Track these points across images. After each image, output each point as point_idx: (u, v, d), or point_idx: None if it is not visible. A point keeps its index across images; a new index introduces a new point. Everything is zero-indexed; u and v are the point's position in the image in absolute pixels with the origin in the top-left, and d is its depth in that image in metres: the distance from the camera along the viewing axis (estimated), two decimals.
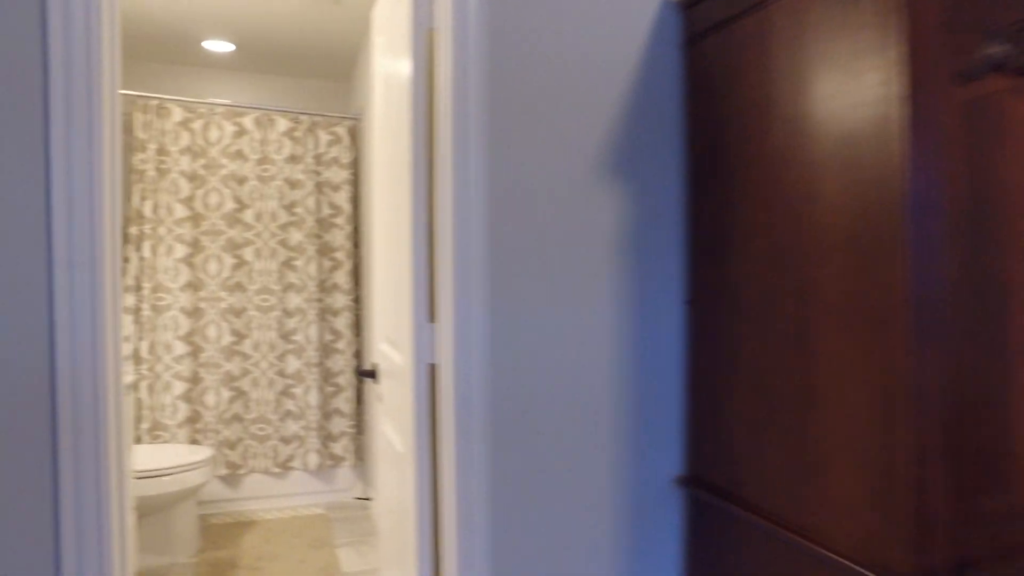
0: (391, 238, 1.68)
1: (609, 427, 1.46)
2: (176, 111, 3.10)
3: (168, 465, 2.65)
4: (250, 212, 3.25)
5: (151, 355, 3.08)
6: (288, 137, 3.28)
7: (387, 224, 1.75)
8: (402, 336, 1.52)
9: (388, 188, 1.74)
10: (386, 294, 1.77)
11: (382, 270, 1.86)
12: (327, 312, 3.41)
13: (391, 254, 1.68)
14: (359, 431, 3.49)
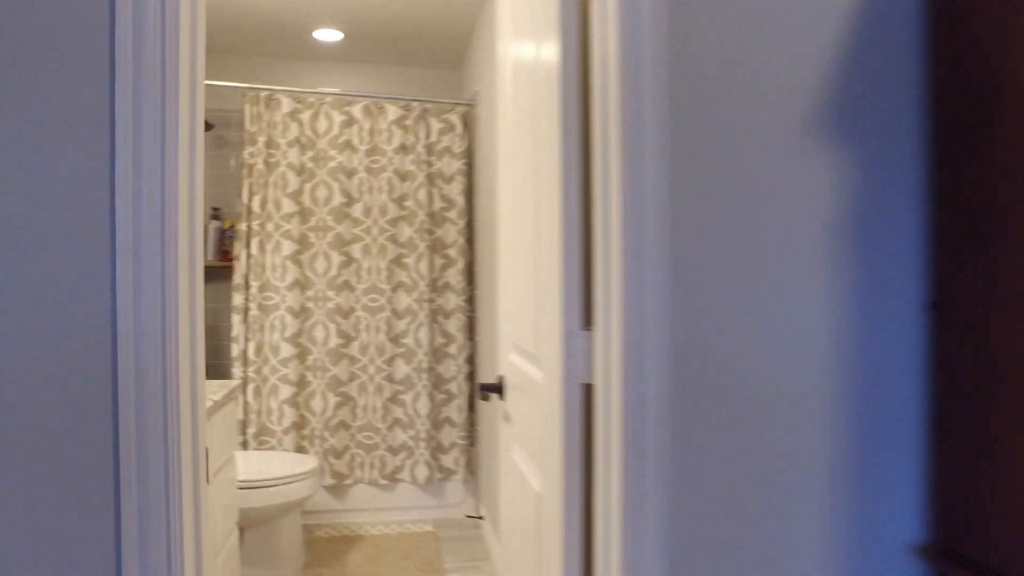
0: (524, 235, 1.37)
1: (823, 476, 1.06)
2: (285, 101, 2.96)
3: (274, 476, 2.47)
4: (359, 206, 3.06)
5: (258, 357, 2.95)
6: (398, 126, 3.06)
7: (519, 220, 1.44)
8: (542, 347, 1.19)
9: (520, 181, 1.43)
10: (517, 297, 1.46)
11: (511, 270, 1.55)
12: (438, 313, 3.16)
13: (524, 252, 1.37)
14: (471, 443, 3.22)
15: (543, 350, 1.19)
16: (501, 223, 1.70)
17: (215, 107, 3.60)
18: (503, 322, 1.64)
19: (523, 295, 1.38)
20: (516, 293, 1.47)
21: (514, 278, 1.49)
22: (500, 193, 1.73)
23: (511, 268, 1.54)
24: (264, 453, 2.74)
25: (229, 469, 2.06)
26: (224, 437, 1.99)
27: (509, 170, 1.58)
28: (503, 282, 1.66)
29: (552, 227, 1.12)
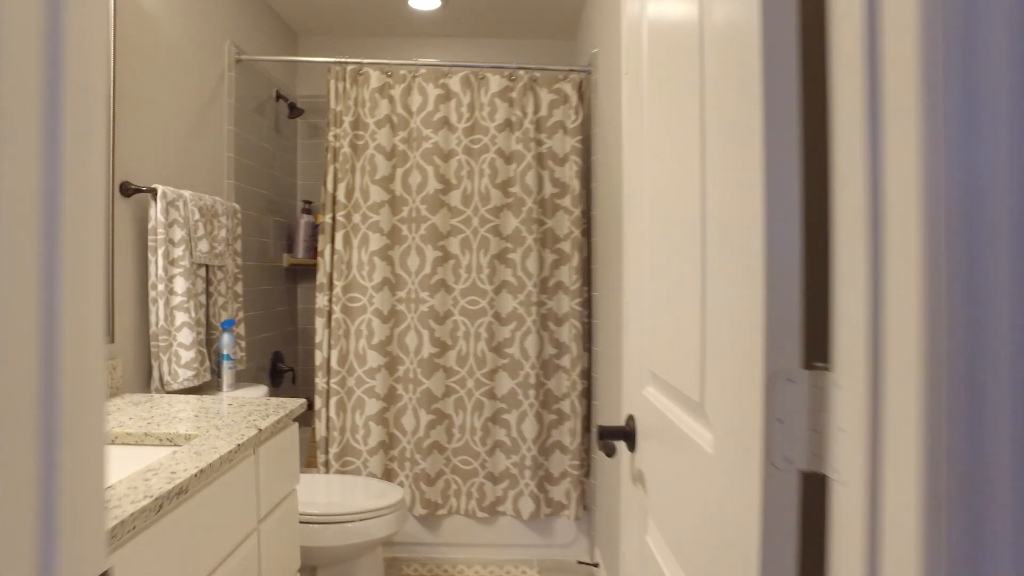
0: (676, 225, 0.86)
1: None
2: (374, 76, 2.59)
3: (352, 510, 2.09)
4: (456, 193, 2.64)
5: (341, 366, 2.60)
6: (502, 98, 2.61)
7: (665, 205, 0.93)
8: (712, 391, 0.68)
9: (670, 158, 0.91)
10: (658, 307, 0.95)
11: (647, 270, 1.03)
12: (549, 319, 2.68)
13: (675, 247, 0.86)
14: (585, 473, 2.71)
15: (713, 397, 0.67)
16: (630, 211, 1.19)
17: (308, 93, 3.33)
18: (632, 339, 1.12)
19: (671, 306, 0.86)
20: (658, 302, 0.95)
21: (655, 281, 0.97)
22: (628, 175, 1.22)
23: (647, 267, 1.02)
24: (345, 478, 2.37)
25: (289, 504, 1.68)
26: (281, 467, 1.61)
27: (645, 146, 1.07)
28: (632, 285, 1.14)
29: (744, 219, 0.60)
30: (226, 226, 2.24)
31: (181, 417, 1.54)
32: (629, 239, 1.18)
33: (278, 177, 3.07)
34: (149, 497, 1.02)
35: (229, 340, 2.17)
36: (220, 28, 2.45)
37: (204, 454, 1.25)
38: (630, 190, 1.18)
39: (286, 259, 3.13)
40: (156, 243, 1.89)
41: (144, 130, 1.95)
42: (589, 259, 2.71)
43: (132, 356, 1.89)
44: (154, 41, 2.00)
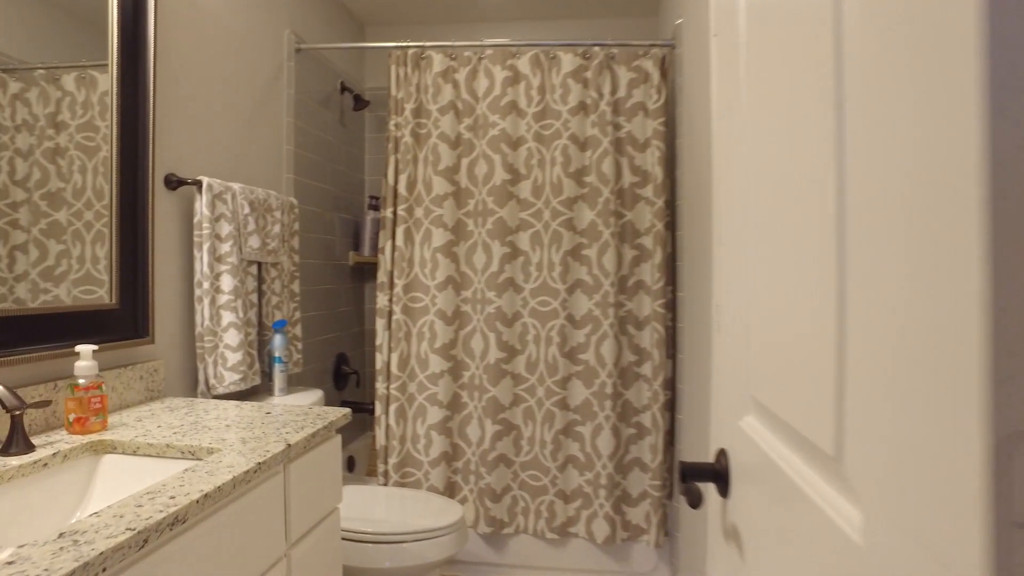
0: (802, 214, 0.60)
1: None
2: (437, 59, 2.42)
3: (409, 529, 1.91)
4: (526, 184, 2.42)
5: (402, 371, 2.43)
6: (575, 79, 2.37)
7: (786, 193, 0.67)
8: (867, 452, 0.42)
9: (793, 132, 0.66)
10: (776, 319, 0.69)
11: (766, 272, 0.77)
12: (628, 322, 2.42)
13: (799, 244, 0.60)
14: (668, 495, 2.43)
15: (862, 456, 0.42)
16: (723, 196, 0.93)
17: (375, 85, 3.20)
18: (728, 354, 0.86)
19: (787, 316, 0.60)
20: (766, 309, 0.69)
21: (762, 282, 0.71)
22: (720, 154, 0.96)
23: (749, 264, 0.77)
24: (405, 492, 2.20)
25: (329, 525, 1.50)
26: (319, 485, 1.44)
27: (744, 117, 0.81)
28: (727, 286, 0.89)
29: (937, 181, 0.35)
30: (281, 221, 2.12)
31: (212, 427, 1.40)
32: (722, 230, 0.92)
33: (344, 172, 2.96)
34: (131, 530, 0.85)
35: (281, 341, 2.04)
36: (279, 17, 2.34)
37: (217, 474, 1.08)
38: (723, 172, 0.92)
39: (352, 257, 3.01)
40: (201, 238, 1.77)
41: (193, 120, 1.84)
42: (673, 255, 2.43)
43: (177, 358, 1.78)
44: (206, 28, 1.90)
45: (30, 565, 0.76)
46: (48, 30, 1.37)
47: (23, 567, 0.76)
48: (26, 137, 1.32)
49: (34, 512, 1.16)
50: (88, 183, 1.48)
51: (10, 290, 1.29)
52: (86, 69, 1.46)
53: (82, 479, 1.26)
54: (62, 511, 1.20)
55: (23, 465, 1.15)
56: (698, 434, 2.05)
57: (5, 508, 1.11)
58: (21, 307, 1.31)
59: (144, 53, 1.60)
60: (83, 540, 0.83)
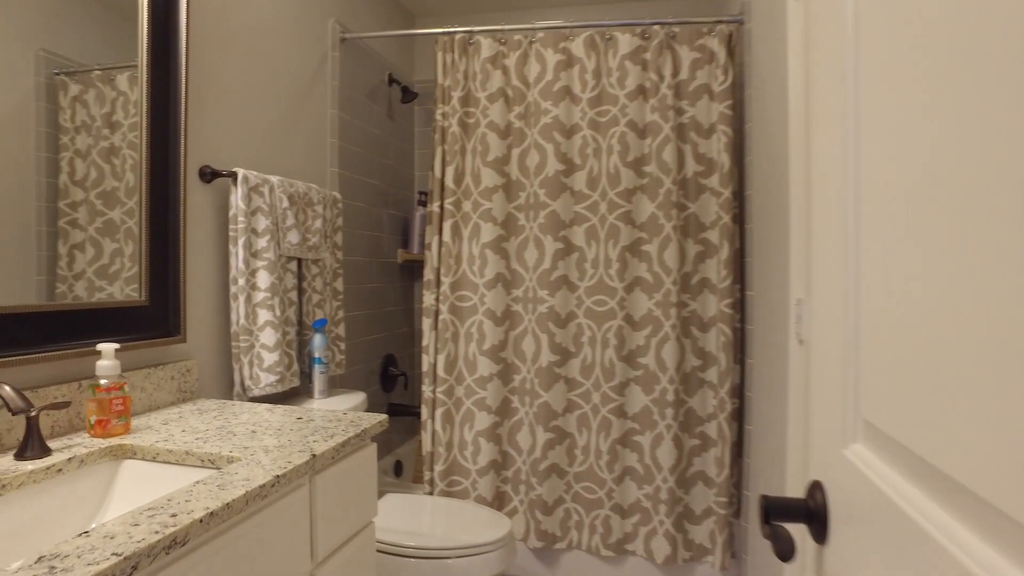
0: (967, 194, 0.43)
1: None
2: (485, 44, 2.29)
3: (454, 544, 1.78)
4: (581, 175, 2.26)
5: (449, 373, 2.31)
6: (633, 60, 2.20)
7: (935, 169, 0.50)
8: None
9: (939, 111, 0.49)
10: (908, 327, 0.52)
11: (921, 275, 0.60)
12: (692, 323, 2.23)
13: (962, 231, 0.44)
14: (735, 513, 2.23)
15: None
16: (816, 187, 0.76)
17: (425, 78, 3.10)
18: (821, 368, 0.69)
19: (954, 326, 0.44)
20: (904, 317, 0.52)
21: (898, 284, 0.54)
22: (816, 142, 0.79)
23: (859, 262, 0.60)
24: (451, 503, 2.07)
25: (363, 540, 1.39)
26: (351, 498, 1.32)
27: (868, 101, 0.64)
28: (813, 288, 0.71)
29: None
30: (323, 216, 2.03)
31: (238, 432, 1.30)
32: (810, 222, 0.75)
33: (392, 167, 2.86)
34: (117, 556, 0.75)
35: (321, 341, 1.95)
36: (323, 5, 2.26)
37: (229, 488, 0.98)
38: (819, 158, 0.74)
39: (400, 255, 2.91)
40: (236, 232, 1.69)
41: (230, 112, 1.77)
42: (742, 251, 2.23)
43: (212, 358, 1.71)
44: (244, 17, 1.82)
45: None
46: (103, 32, 1.37)
47: None
48: (84, 138, 1.33)
49: (46, 523, 1.08)
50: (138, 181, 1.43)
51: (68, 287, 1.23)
52: (137, 68, 1.44)
53: (100, 487, 1.19)
54: (77, 521, 1.12)
55: (35, 471, 1.08)
56: (771, 450, 1.85)
57: (14, 517, 1.04)
58: (41, 303, 1.24)
59: (175, 44, 1.53)
60: (61, 567, 0.72)
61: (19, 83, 1.20)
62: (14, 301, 1.19)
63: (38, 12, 1.22)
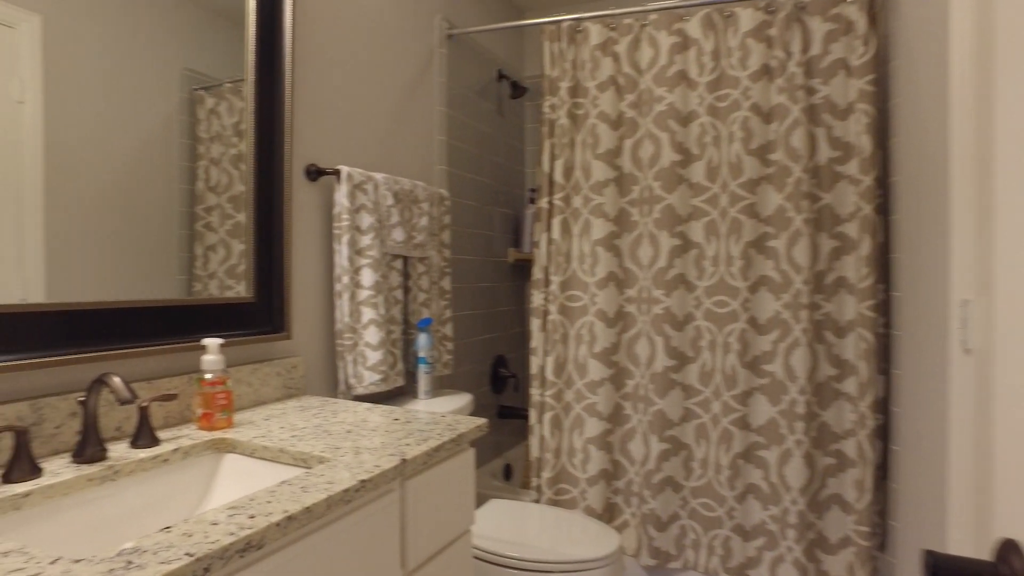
0: None
1: None
2: (594, 31, 2.17)
3: (559, 558, 1.69)
4: (699, 166, 2.10)
5: (558, 376, 2.22)
6: (756, 38, 2.01)
7: None
8: None
9: None
10: None
11: None
12: (826, 327, 2.00)
13: None
14: (879, 545, 1.97)
15: None
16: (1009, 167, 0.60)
17: (535, 73, 3.04)
18: (1008, 387, 0.53)
19: None
20: None
21: None
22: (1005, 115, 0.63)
23: None
24: (559, 513, 1.98)
25: (459, 549, 1.33)
26: (447, 504, 1.27)
27: None
28: (994, 289, 0.56)
29: None
30: (429, 214, 2.01)
31: (333, 432, 1.28)
32: (995, 210, 0.59)
33: (503, 164, 2.82)
34: (189, 556, 0.72)
35: (426, 341, 1.92)
36: (429, 2, 2.24)
37: (313, 490, 0.94)
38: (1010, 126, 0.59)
39: (511, 254, 2.86)
40: (341, 230, 1.70)
41: (336, 110, 1.78)
42: (887, 245, 1.97)
43: (318, 355, 1.72)
44: (350, 15, 1.84)
45: None
46: (233, 46, 1.45)
47: None
48: (218, 147, 1.41)
49: (153, 509, 1.10)
50: None
51: (203, 286, 1.28)
52: (243, 72, 1.50)
53: (203, 478, 1.20)
54: (180, 510, 1.14)
55: (144, 459, 1.11)
56: (925, 478, 1.60)
57: (125, 502, 1.07)
58: (155, 299, 1.29)
59: (279, 47, 1.55)
60: (136, 563, 0.71)
61: (167, 100, 1.28)
62: (127, 296, 1.24)
63: (182, 35, 1.32)
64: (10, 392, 1.07)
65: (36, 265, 1.08)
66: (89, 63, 1.15)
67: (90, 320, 1.17)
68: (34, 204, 1.07)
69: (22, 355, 1.06)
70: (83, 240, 1.16)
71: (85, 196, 1.16)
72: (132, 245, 1.24)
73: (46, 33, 1.08)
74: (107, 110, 1.18)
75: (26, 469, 0.98)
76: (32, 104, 1.07)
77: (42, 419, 1.10)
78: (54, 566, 0.71)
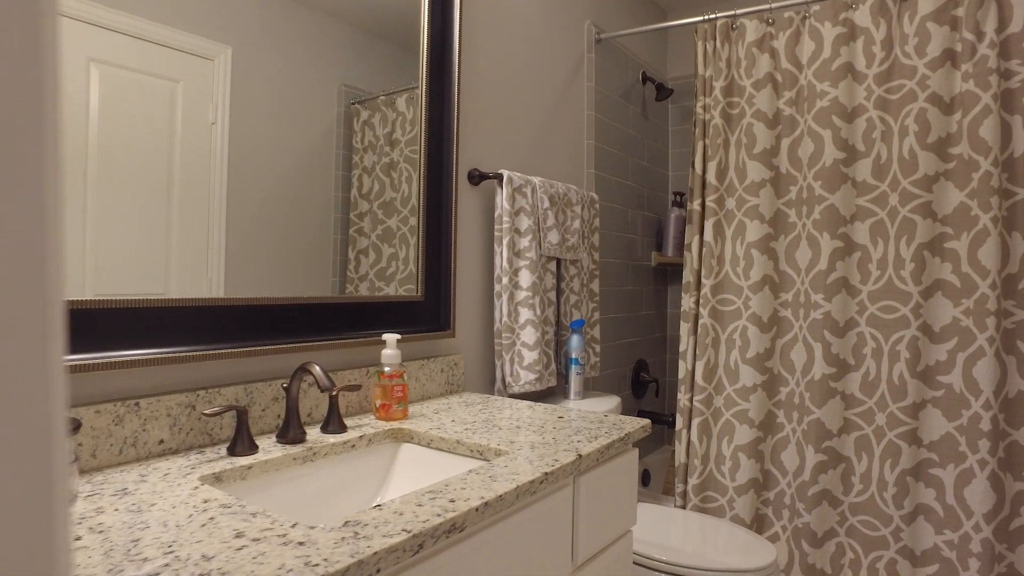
0: None
1: None
2: (750, 27, 2.11)
3: (710, 565, 1.65)
4: (865, 163, 1.98)
5: (708, 381, 2.16)
6: (938, 21, 1.86)
7: None
8: None
9: None
10: None
11: None
12: (1017, 337, 1.82)
13: None
14: None
15: None
16: None
17: (679, 74, 2.99)
18: None
19: None
20: None
21: None
22: None
23: None
24: (705, 519, 1.94)
25: (621, 548, 1.34)
26: (612, 502, 1.28)
27: None
28: None
29: None
30: (581, 216, 2.03)
31: (503, 426, 1.33)
32: None
33: (647, 168, 2.80)
34: (407, 532, 0.78)
35: (578, 342, 1.94)
36: (580, 8, 2.27)
37: (500, 480, 0.99)
38: None
39: (654, 257, 2.83)
40: (501, 232, 1.75)
41: (495, 116, 1.85)
42: None
43: (477, 353, 1.79)
44: (508, 26, 1.90)
45: (315, 551, 0.73)
46: (385, 62, 1.52)
47: (308, 551, 0.73)
48: (371, 156, 1.48)
49: (343, 490, 1.20)
50: (412, 191, 1.55)
51: (354, 287, 1.39)
52: (413, 90, 1.57)
53: (384, 464, 1.29)
54: (365, 493, 1.23)
55: (335, 444, 1.20)
56: None
57: (321, 482, 1.16)
58: (338, 295, 1.40)
59: (449, 63, 1.63)
60: (362, 534, 0.77)
61: (327, 113, 1.37)
62: (317, 293, 1.35)
63: (342, 54, 1.40)
64: (228, 377, 1.20)
65: (218, 265, 1.20)
66: (265, 85, 1.27)
67: (285, 314, 1.29)
68: (219, 213, 1.20)
69: (236, 343, 1.19)
70: (255, 244, 1.27)
71: (255, 204, 1.27)
72: (296, 248, 1.35)
73: (235, 62, 1.21)
74: (277, 126, 1.29)
75: (247, 445, 1.10)
76: (220, 125, 1.19)
77: (252, 402, 1.22)
78: (295, 529, 0.79)
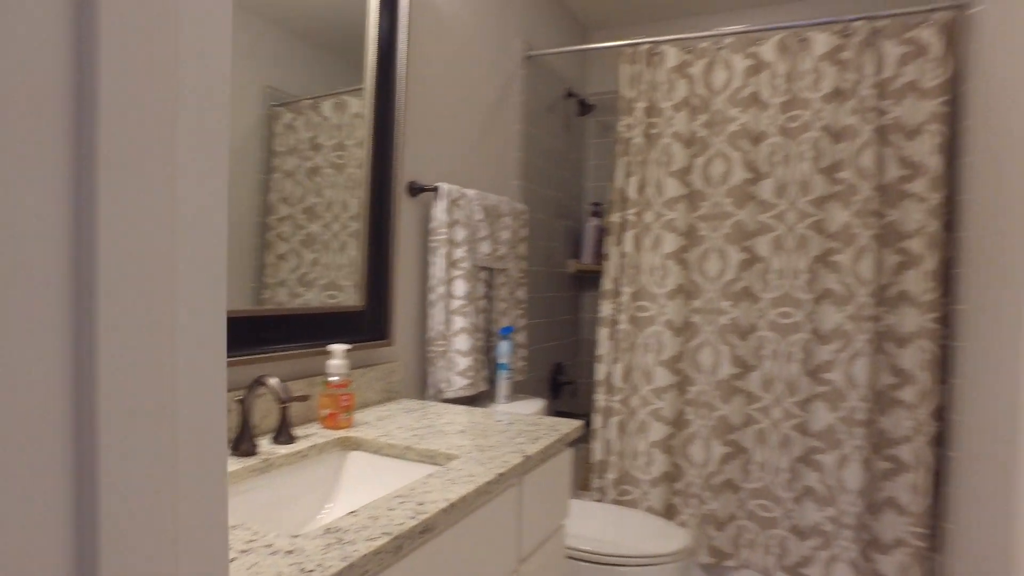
0: None
1: None
2: (671, 54, 2.28)
3: (629, 552, 1.80)
4: (768, 184, 2.19)
5: (625, 383, 2.32)
6: (831, 61, 2.10)
7: None
8: None
9: None
10: None
11: None
12: (887, 338, 2.08)
13: None
14: (932, 546, 2.05)
15: None
16: None
17: (597, 90, 3.15)
18: None
19: None
20: None
21: None
22: None
23: None
24: (622, 511, 2.09)
25: (556, 542, 1.45)
26: (549, 499, 1.39)
27: None
28: None
29: None
30: (510, 227, 2.13)
31: (447, 431, 1.41)
32: None
33: (567, 178, 2.93)
34: (387, 535, 0.85)
35: (507, 348, 2.04)
36: (511, 26, 2.37)
37: (459, 482, 1.07)
38: None
39: (572, 265, 2.97)
40: (437, 243, 1.82)
41: (433, 129, 1.91)
42: (952, 261, 2.04)
43: (410, 360, 1.85)
44: (447, 42, 1.96)
45: (305, 558, 0.78)
46: (313, 65, 1.48)
47: (299, 559, 0.78)
48: (293, 160, 1.44)
49: (297, 499, 1.24)
50: (336, 197, 1.55)
51: (277, 294, 1.41)
52: (340, 95, 1.55)
53: (333, 472, 1.33)
54: (317, 500, 1.27)
55: (288, 454, 1.24)
56: (986, 484, 1.68)
57: (276, 491, 1.20)
58: (281, 307, 1.42)
59: (393, 75, 1.68)
60: (346, 539, 0.83)
61: (247, 115, 1.34)
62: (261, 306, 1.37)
63: (265, 56, 1.36)
64: None
65: None
66: None
67: (238, 327, 1.30)
68: None
69: None
70: None
71: None
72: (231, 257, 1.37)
73: None
74: None
75: None
76: None
77: None
78: (279, 539, 0.83)
